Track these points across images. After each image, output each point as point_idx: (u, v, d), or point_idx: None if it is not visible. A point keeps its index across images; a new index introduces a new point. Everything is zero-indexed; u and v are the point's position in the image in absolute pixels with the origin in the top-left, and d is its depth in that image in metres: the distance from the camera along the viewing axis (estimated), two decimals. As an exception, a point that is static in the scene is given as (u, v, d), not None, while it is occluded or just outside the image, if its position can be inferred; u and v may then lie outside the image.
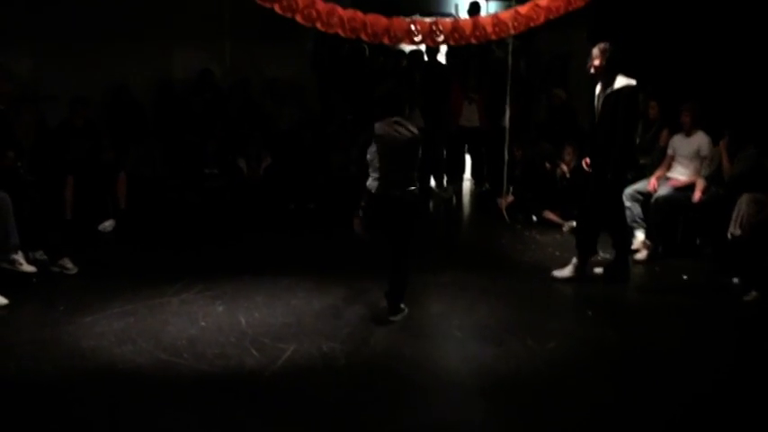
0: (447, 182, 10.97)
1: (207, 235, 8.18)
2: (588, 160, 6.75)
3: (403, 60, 10.90)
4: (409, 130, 5.53)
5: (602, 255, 7.02)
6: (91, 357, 5.00)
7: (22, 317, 5.74)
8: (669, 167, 7.68)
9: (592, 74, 6.52)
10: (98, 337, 5.31)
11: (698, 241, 7.10)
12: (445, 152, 10.89)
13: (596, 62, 6.44)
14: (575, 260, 6.73)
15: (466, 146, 10.83)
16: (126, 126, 9.31)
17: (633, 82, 6.36)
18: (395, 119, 5.57)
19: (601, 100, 6.45)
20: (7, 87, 7.11)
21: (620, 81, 6.35)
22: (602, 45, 6.46)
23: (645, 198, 7.58)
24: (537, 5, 7.23)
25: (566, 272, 6.73)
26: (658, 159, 7.94)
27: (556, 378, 4.87)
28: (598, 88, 6.54)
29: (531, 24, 7.31)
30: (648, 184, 7.62)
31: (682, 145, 7.61)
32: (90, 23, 9.37)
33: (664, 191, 7.43)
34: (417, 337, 5.43)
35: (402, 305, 5.76)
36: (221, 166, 9.49)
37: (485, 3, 10.89)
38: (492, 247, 8.07)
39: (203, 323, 5.61)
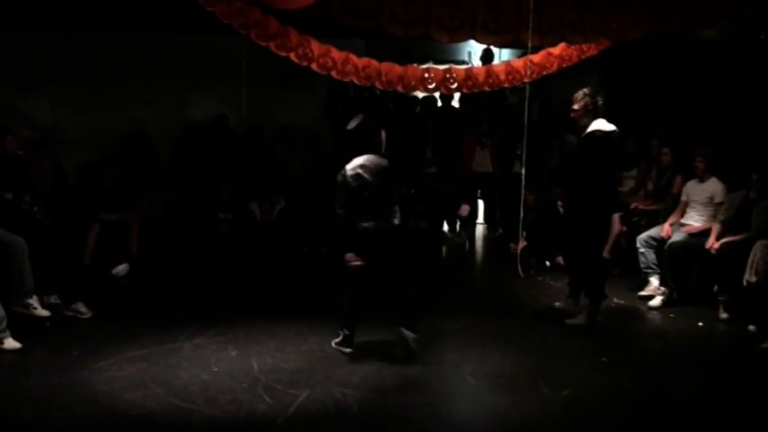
0: (460, 227, 10.97)
1: (220, 279, 8.20)
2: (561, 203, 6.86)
3: (416, 106, 10.99)
4: (380, 162, 5.80)
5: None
6: (103, 402, 4.98)
7: (35, 361, 5.75)
8: (683, 214, 7.67)
9: (572, 117, 6.66)
10: (110, 381, 5.30)
11: (714, 288, 7.04)
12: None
13: (575, 106, 6.59)
14: (585, 304, 6.76)
15: (479, 191, 10.85)
16: (141, 170, 9.40)
17: (610, 127, 6.46)
18: (367, 156, 5.79)
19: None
20: (25, 133, 7.21)
21: (596, 125, 6.46)
22: (582, 90, 6.59)
23: (659, 244, 7.56)
24: (550, 54, 7.32)
25: (579, 320, 6.71)
26: (672, 206, 7.93)
27: (571, 426, 4.82)
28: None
29: (545, 72, 7.41)
30: (662, 230, 7.60)
31: (695, 191, 7.60)
32: (107, 68, 9.54)
33: (678, 237, 7.41)
34: (430, 384, 5.39)
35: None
36: (235, 209, 9.54)
37: (497, 50, 10.99)
38: (505, 293, 8.04)
39: (216, 368, 5.59)
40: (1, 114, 7.59)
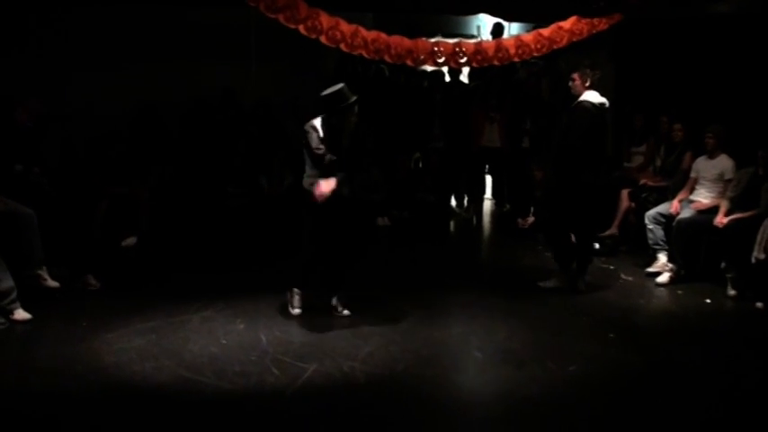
0: (468, 202, 10.97)
1: (228, 253, 8.22)
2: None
3: (424, 81, 10.94)
4: None
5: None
6: (113, 373, 5.02)
7: (45, 332, 5.78)
8: (692, 190, 7.64)
9: (569, 87, 6.87)
10: (120, 353, 5.35)
11: (722, 265, 7.03)
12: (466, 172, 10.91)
13: (573, 77, 6.81)
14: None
15: (486, 166, 10.83)
16: (150, 144, 9.39)
17: (601, 100, 6.70)
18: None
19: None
20: (36, 105, 7.21)
21: (586, 96, 6.69)
22: (582, 63, 6.82)
23: (667, 221, 7.54)
24: (560, 28, 7.27)
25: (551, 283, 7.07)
26: (681, 182, 7.90)
27: (577, 401, 4.84)
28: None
29: (555, 47, 7.36)
30: (671, 206, 7.59)
31: (705, 168, 7.57)
32: (115, 42, 9.50)
33: (686, 214, 7.39)
34: (438, 358, 5.42)
35: None
36: (244, 184, 9.53)
37: (507, 24, 10.92)
38: (512, 268, 8.06)
39: (224, 341, 5.63)
40: (10, 86, 7.56)
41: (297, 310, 6.18)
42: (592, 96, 6.70)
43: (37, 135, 7.27)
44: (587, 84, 6.74)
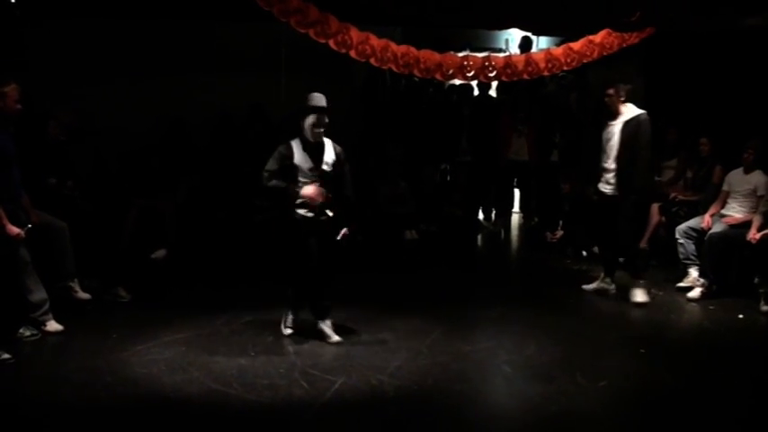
0: (495, 215, 10.94)
1: (256, 266, 8.25)
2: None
3: (452, 94, 10.95)
4: None
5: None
6: (143, 385, 5.05)
7: (76, 343, 5.83)
8: (723, 204, 7.55)
9: (605, 102, 6.92)
10: (150, 364, 5.38)
11: (755, 280, 6.94)
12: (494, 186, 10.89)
13: (609, 91, 6.86)
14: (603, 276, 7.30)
15: (515, 180, 10.81)
16: (179, 158, 9.48)
17: (644, 112, 6.84)
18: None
19: (617, 128, 6.86)
20: (69, 118, 7.32)
21: (634, 110, 6.84)
22: (615, 77, 6.93)
23: (698, 235, 7.47)
24: (590, 41, 7.24)
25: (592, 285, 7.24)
26: (712, 196, 7.82)
27: (607, 417, 4.78)
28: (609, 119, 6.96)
29: (585, 60, 7.33)
30: (702, 220, 7.51)
31: (738, 182, 7.47)
32: (147, 56, 9.62)
33: (718, 228, 7.31)
34: (466, 372, 5.39)
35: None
36: (271, 197, 9.55)
37: (536, 38, 10.90)
38: (541, 282, 8.01)
39: (253, 353, 5.65)
40: (43, 100, 7.68)
41: (288, 331, 6.09)
42: (632, 110, 6.83)
43: (69, 148, 7.37)
44: (622, 98, 6.83)
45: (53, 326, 5.96)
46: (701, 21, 7.15)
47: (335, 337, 5.92)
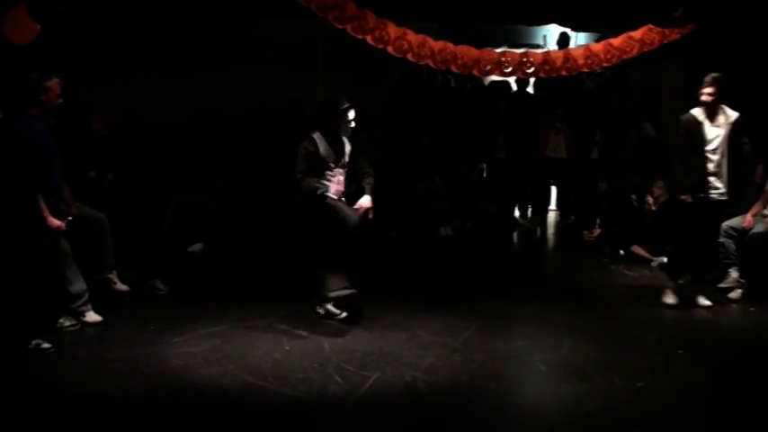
0: (532, 213, 10.87)
1: (292, 260, 8.28)
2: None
3: (490, 91, 10.90)
4: None
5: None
6: (179, 377, 5.11)
7: (114, 334, 5.92)
8: (766, 204, 7.42)
9: (705, 102, 6.58)
10: (186, 356, 5.43)
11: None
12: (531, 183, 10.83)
13: (709, 90, 6.52)
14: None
15: (551, 177, 10.73)
16: (217, 153, 9.54)
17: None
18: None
19: (722, 128, 6.56)
20: (111, 114, 7.42)
21: (730, 111, 6.57)
22: (711, 75, 6.55)
23: (740, 235, 7.34)
24: (631, 38, 7.14)
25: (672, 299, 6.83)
26: (753, 195, 7.68)
27: (644, 418, 4.72)
28: (702, 117, 6.59)
29: (624, 57, 7.23)
30: (744, 220, 7.38)
31: (781, 182, 7.34)
32: (186, 51, 9.71)
33: (760, 228, 7.18)
34: (502, 371, 5.36)
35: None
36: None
37: (574, 34, 10.80)
38: (577, 281, 7.94)
39: (288, 347, 5.67)
40: (85, 95, 7.79)
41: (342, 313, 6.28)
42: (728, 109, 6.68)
43: (110, 142, 7.47)
44: (723, 96, 6.64)
45: (92, 317, 6.05)
46: (744, 17, 7.00)
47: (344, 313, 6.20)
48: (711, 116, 6.61)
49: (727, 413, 4.84)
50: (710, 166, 6.59)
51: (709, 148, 6.60)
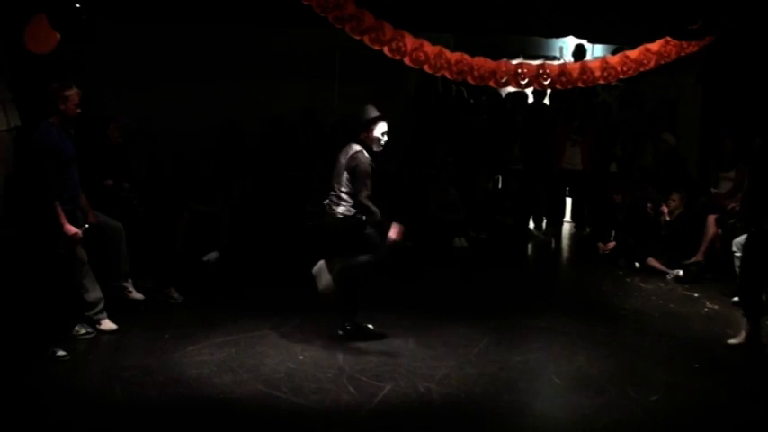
0: (546, 224, 10.84)
1: (306, 270, 8.28)
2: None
3: (506, 102, 10.90)
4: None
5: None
6: (194, 386, 5.12)
7: (129, 342, 5.94)
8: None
9: None
10: (200, 365, 5.45)
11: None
12: (546, 194, 10.81)
13: None
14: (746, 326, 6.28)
15: (567, 189, 10.71)
16: (232, 162, 9.60)
17: None
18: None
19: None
20: (127, 122, 7.47)
21: None
22: None
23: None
24: (648, 50, 7.12)
25: (738, 339, 6.31)
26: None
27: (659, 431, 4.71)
28: None
29: (641, 69, 7.20)
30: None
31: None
32: (202, 60, 9.77)
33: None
34: (515, 382, 5.35)
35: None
36: (323, 203, 9.60)
37: (590, 46, 10.79)
38: (592, 293, 7.91)
39: (302, 357, 5.68)
40: (102, 104, 7.85)
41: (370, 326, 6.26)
42: None
43: (127, 151, 7.52)
44: None
45: (107, 324, 6.08)
46: (761, 30, 6.97)
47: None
48: None
49: (742, 427, 4.80)
50: None
51: None
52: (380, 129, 6.07)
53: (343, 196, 5.98)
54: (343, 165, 5.98)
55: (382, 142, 6.08)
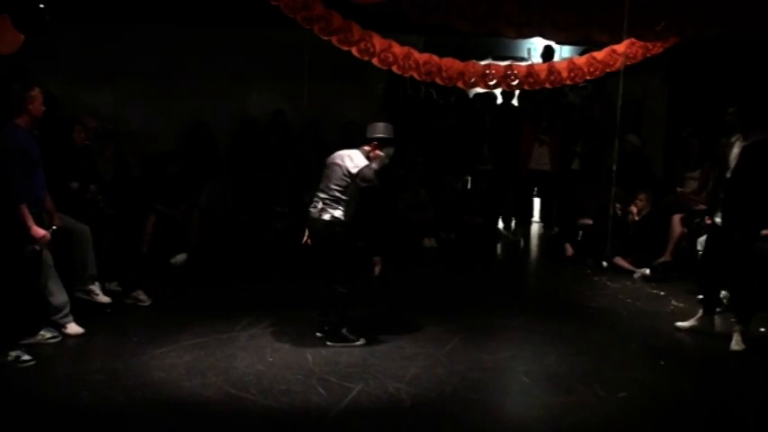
0: (515, 224, 10.90)
1: (276, 271, 8.27)
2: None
3: (475, 103, 10.95)
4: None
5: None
6: (161, 389, 5.07)
7: (96, 346, 5.89)
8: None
9: (727, 122, 6.46)
10: (169, 368, 5.40)
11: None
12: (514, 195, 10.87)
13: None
14: (700, 312, 6.52)
15: (535, 189, 10.78)
16: (201, 163, 9.55)
17: None
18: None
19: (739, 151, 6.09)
20: (93, 123, 7.39)
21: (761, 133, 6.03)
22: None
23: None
24: (614, 51, 7.21)
25: (686, 323, 6.54)
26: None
27: (626, 428, 4.76)
28: (735, 138, 6.25)
29: (608, 70, 7.30)
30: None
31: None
32: (169, 61, 9.70)
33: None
34: (485, 382, 5.36)
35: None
36: (292, 204, 9.61)
37: (558, 47, 10.88)
38: (560, 292, 7.97)
39: (271, 359, 5.65)
40: (67, 105, 7.77)
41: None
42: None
43: (93, 153, 7.44)
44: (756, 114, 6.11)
45: (74, 328, 6.00)
46: (725, 31, 7.08)
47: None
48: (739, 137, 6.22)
49: (708, 423, 4.87)
50: None
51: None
52: (389, 151, 6.05)
53: (334, 199, 5.93)
54: (344, 169, 5.91)
55: (383, 164, 6.03)
